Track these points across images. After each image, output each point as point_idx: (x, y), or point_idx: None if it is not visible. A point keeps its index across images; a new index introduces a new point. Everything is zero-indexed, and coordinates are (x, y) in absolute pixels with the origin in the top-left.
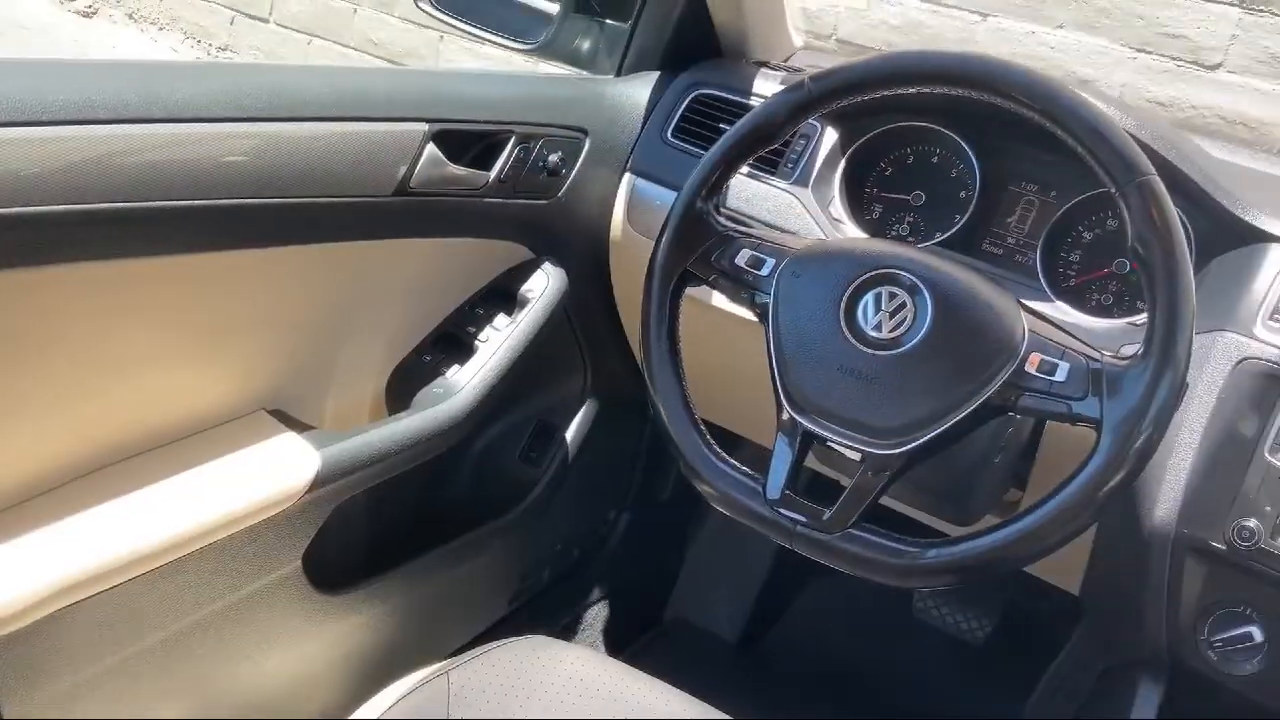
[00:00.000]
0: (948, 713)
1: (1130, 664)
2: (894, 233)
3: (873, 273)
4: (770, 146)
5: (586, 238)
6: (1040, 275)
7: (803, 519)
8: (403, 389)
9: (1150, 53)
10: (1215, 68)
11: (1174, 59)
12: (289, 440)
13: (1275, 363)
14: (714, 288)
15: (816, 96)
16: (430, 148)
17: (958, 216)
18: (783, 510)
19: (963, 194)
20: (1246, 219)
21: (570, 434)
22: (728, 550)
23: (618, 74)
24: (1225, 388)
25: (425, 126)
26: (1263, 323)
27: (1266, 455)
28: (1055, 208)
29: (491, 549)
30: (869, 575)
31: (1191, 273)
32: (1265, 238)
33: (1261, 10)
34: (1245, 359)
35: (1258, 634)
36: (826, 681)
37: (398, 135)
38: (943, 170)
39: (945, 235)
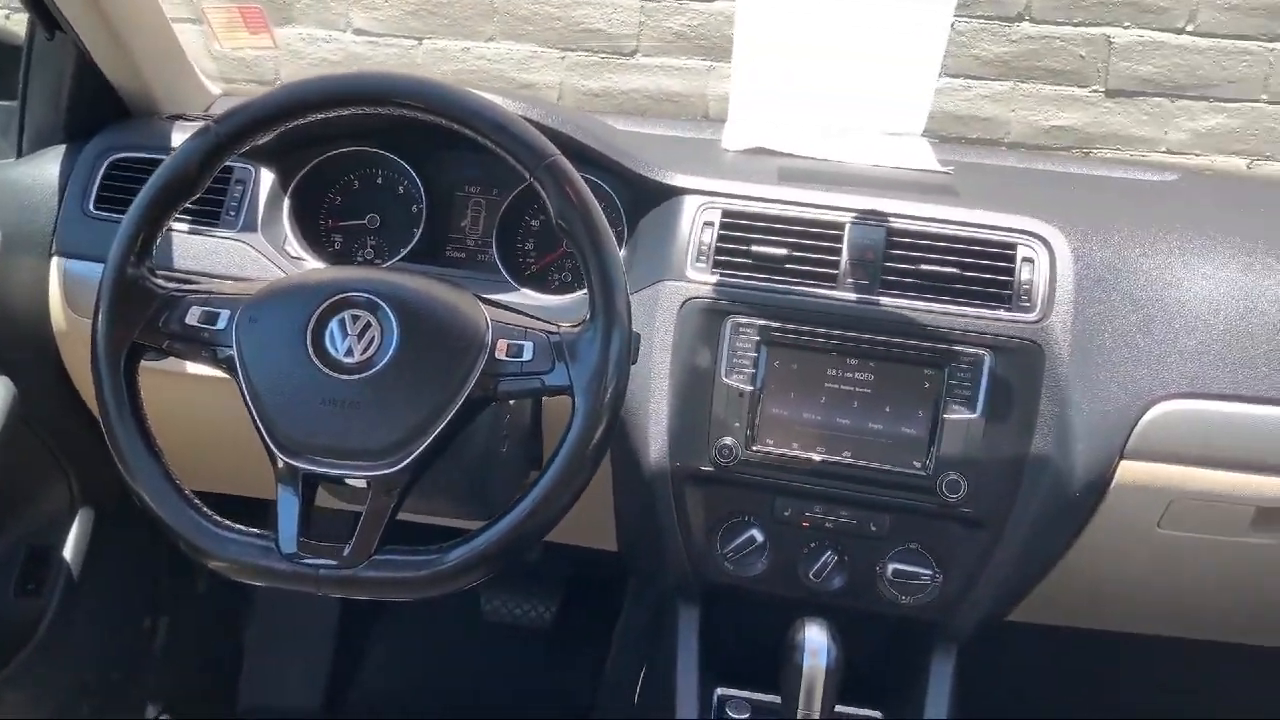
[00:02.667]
0: (543, 703)
1: (671, 595)
2: (360, 258)
3: (330, 300)
4: (192, 197)
5: (25, 336)
6: (501, 268)
7: (325, 562)
8: None
9: (575, 50)
10: (633, 54)
11: (596, 52)
12: None
13: (709, 298)
14: (172, 354)
15: (225, 139)
16: None
17: (415, 230)
18: (302, 560)
19: (414, 208)
20: (658, 179)
21: (70, 552)
22: (286, 620)
23: (19, 155)
24: (678, 330)
25: None
26: (692, 266)
27: (724, 379)
28: (499, 204)
29: (4, 706)
30: (404, 596)
31: (612, 236)
32: (678, 192)
33: None
34: (687, 300)
35: (759, 535)
36: (420, 712)
37: None
38: (390, 189)
39: (407, 250)
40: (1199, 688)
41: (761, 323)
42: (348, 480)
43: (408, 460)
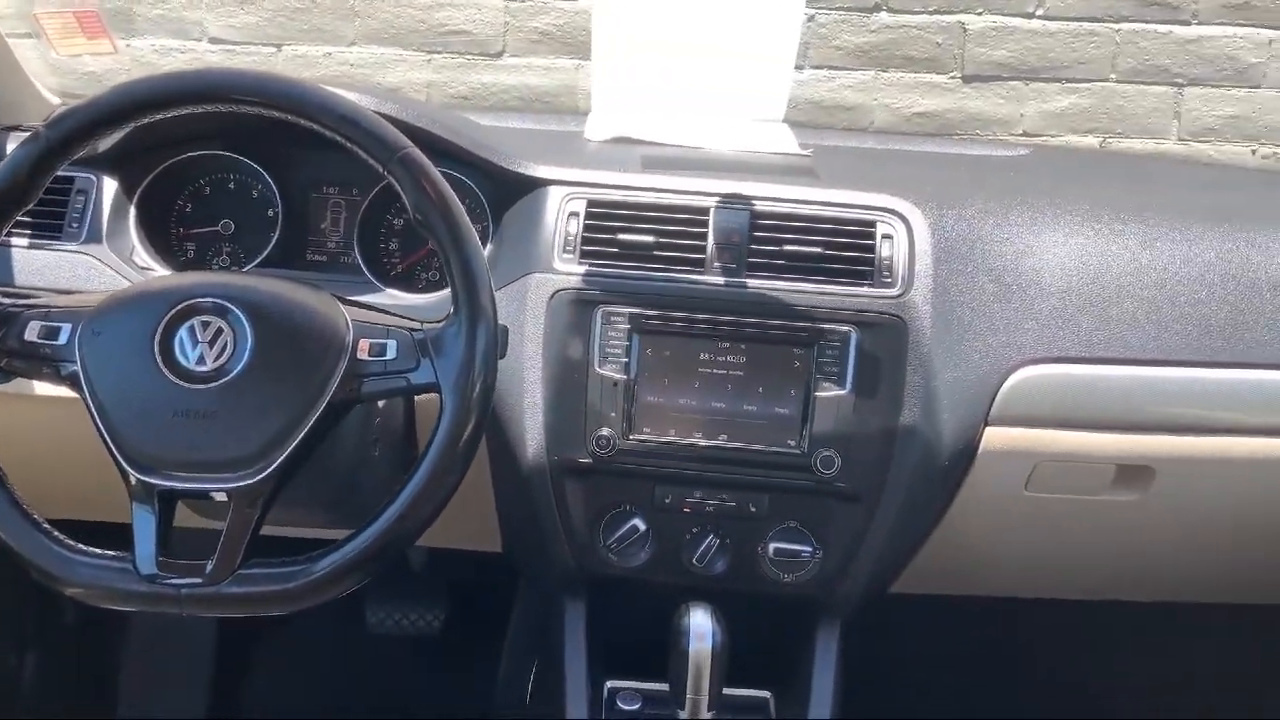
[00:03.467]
0: (436, 711)
1: (557, 591)
2: (215, 266)
3: (177, 307)
4: (25, 207)
5: None
6: (364, 269)
7: (188, 580)
8: None
9: (441, 52)
10: (500, 54)
11: (463, 54)
12: None
13: (578, 289)
14: (12, 373)
15: (56, 144)
16: None
17: (271, 235)
18: (163, 580)
19: (270, 212)
20: (520, 171)
21: None
22: (162, 643)
23: None
24: (548, 322)
25: None
26: (559, 257)
27: (598, 369)
28: (359, 204)
29: None
30: (274, 610)
31: (472, 228)
32: (541, 184)
33: None
34: (556, 292)
35: (641, 524)
36: None
37: None
38: (243, 194)
39: (264, 255)
40: (1082, 647)
41: (632, 311)
42: (211, 494)
43: (270, 469)
